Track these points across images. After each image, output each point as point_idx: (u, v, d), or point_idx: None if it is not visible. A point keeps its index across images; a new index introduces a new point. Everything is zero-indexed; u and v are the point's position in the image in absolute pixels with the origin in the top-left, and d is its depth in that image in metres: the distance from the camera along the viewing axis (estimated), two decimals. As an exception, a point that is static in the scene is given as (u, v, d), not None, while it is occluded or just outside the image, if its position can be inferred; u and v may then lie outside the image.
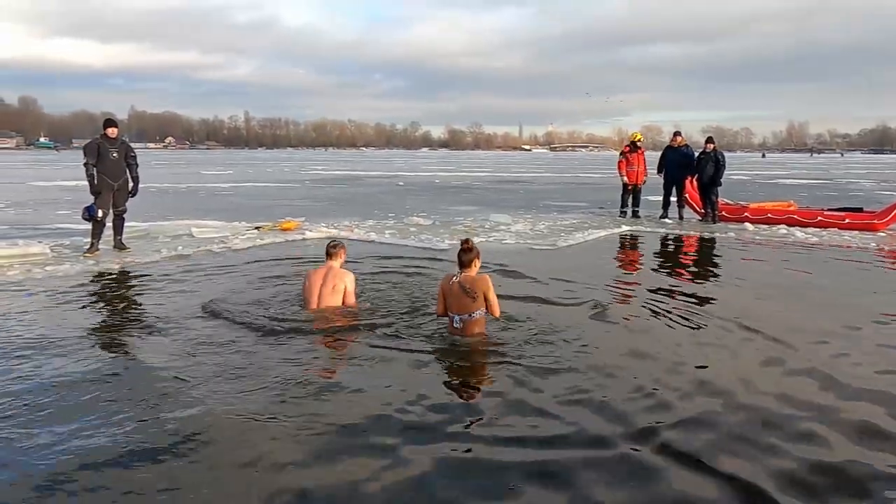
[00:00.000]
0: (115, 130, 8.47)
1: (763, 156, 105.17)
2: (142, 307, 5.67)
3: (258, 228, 10.69)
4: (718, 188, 12.42)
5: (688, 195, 12.92)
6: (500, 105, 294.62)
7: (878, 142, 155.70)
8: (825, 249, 9.39)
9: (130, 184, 8.62)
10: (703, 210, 12.61)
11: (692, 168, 12.47)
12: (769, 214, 12.26)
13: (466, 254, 4.54)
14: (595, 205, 16.18)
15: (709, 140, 12.48)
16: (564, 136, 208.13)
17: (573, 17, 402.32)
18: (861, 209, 12.23)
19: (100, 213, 8.23)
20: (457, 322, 4.52)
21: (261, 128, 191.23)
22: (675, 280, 7.27)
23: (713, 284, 7.11)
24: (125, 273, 7.20)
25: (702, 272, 7.99)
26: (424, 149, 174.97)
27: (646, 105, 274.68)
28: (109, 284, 6.67)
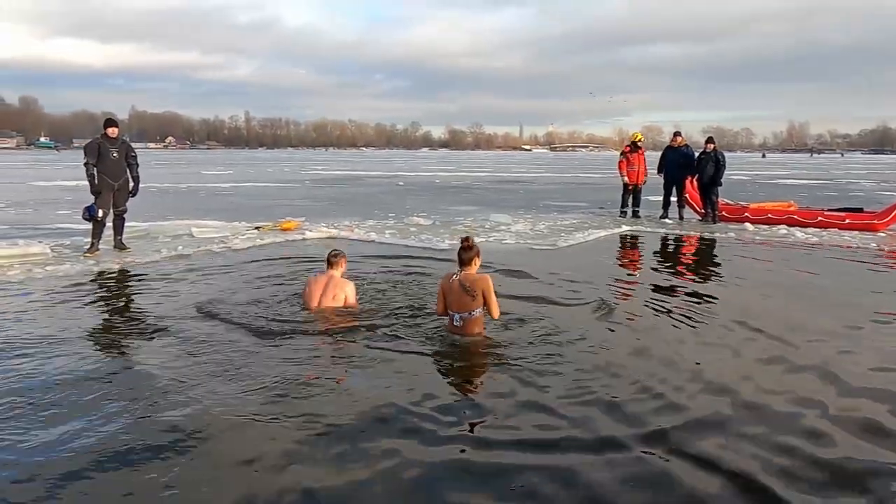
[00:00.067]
0: (116, 130, 8.47)
1: (763, 156, 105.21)
2: (142, 307, 5.66)
3: (258, 228, 10.69)
4: (719, 188, 12.42)
5: (688, 195, 12.92)
6: (501, 105, 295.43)
7: (879, 142, 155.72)
8: (825, 249, 9.38)
9: (131, 184, 8.62)
10: (704, 210, 12.61)
11: (692, 168, 12.47)
12: (769, 215, 12.25)
13: (466, 252, 4.54)
14: (595, 205, 16.17)
15: (709, 140, 12.47)
16: (565, 137, 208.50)
17: (573, 18, 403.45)
18: (861, 209, 12.23)
19: (100, 213, 8.23)
20: (457, 320, 4.51)
21: (261, 128, 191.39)
22: (676, 280, 7.27)
23: (714, 284, 7.10)
24: (125, 273, 7.20)
25: (702, 272, 7.98)
26: (425, 149, 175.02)
27: (646, 105, 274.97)
28: (109, 284, 6.67)
